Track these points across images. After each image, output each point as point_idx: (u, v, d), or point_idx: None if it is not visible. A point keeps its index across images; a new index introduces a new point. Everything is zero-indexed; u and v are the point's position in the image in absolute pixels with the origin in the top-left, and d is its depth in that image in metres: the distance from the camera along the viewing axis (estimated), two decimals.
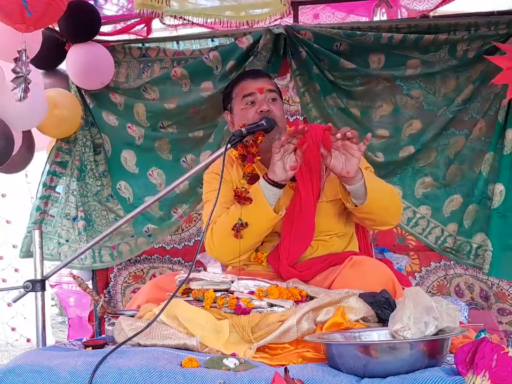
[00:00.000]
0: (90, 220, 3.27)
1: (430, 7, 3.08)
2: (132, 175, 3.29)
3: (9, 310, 4.66)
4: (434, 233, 3.01)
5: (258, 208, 2.04)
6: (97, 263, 3.29)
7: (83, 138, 3.24)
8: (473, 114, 2.93)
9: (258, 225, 2.08)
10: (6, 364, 1.60)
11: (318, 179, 2.16)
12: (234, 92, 2.28)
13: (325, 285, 1.98)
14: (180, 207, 3.22)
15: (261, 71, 2.52)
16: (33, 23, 2.17)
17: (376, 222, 2.15)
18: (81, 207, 3.24)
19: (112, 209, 3.29)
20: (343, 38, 2.92)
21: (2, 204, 4.73)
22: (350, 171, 1.94)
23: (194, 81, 3.12)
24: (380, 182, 2.14)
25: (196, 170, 1.99)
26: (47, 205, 3.30)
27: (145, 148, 3.25)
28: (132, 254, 3.31)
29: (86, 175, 3.26)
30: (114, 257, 3.29)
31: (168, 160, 3.24)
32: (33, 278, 1.81)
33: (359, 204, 2.02)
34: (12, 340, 4.73)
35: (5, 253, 4.72)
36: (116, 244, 3.27)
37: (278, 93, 2.29)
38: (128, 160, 3.28)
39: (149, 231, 3.24)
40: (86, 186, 3.26)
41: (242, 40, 2.97)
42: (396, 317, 1.51)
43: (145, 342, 1.71)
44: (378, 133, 3.04)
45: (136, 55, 3.23)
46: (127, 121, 3.23)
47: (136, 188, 3.29)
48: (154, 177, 3.26)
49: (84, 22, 2.98)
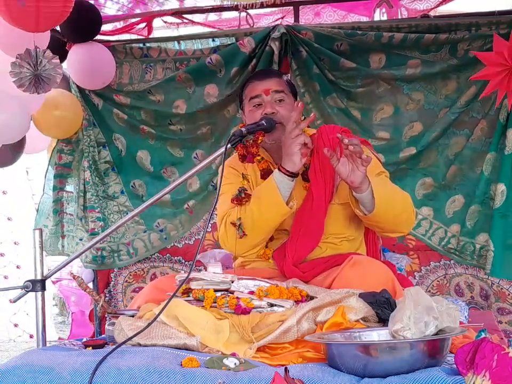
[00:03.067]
0: (105, 219, 3.31)
1: (430, 6, 3.08)
2: (147, 173, 3.33)
3: (12, 306, 4.66)
4: (437, 235, 3.02)
5: (271, 201, 2.05)
6: (117, 262, 3.35)
7: (87, 139, 3.25)
8: (474, 114, 2.93)
9: (269, 218, 2.09)
10: (6, 364, 1.60)
11: (331, 181, 2.15)
12: (244, 93, 2.30)
13: (325, 284, 1.98)
14: (191, 203, 3.27)
15: (270, 71, 2.52)
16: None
17: (385, 229, 2.17)
18: (97, 208, 3.28)
19: (123, 204, 3.33)
20: (343, 38, 2.93)
21: (3, 201, 4.74)
22: (353, 181, 1.95)
23: (199, 84, 3.16)
24: (392, 190, 2.13)
25: (196, 170, 1.99)
26: (62, 206, 3.35)
27: (158, 146, 3.29)
28: (148, 252, 3.34)
29: (92, 174, 3.27)
30: (131, 255, 3.33)
31: (180, 157, 3.29)
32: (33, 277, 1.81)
33: (367, 212, 2.02)
34: (14, 336, 4.74)
35: (7, 250, 4.73)
36: (131, 240, 3.32)
37: (290, 91, 2.27)
38: (144, 159, 3.31)
39: (160, 226, 3.29)
40: (95, 186, 3.28)
41: (244, 43, 2.98)
42: (396, 316, 1.51)
43: (145, 342, 1.71)
44: (378, 135, 3.04)
45: (138, 55, 3.23)
46: (138, 122, 3.27)
47: (151, 186, 3.33)
48: (168, 174, 3.30)
49: (85, 21, 2.98)
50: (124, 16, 3.26)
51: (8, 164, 3.10)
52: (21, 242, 4.68)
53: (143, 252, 3.34)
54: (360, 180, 1.94)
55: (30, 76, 2.29)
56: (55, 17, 2.20)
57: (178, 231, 3.32)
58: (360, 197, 2.00)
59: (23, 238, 4.62)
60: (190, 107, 3.19)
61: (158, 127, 3.27)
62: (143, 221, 3.29)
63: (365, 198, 1.99)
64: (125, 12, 3.23)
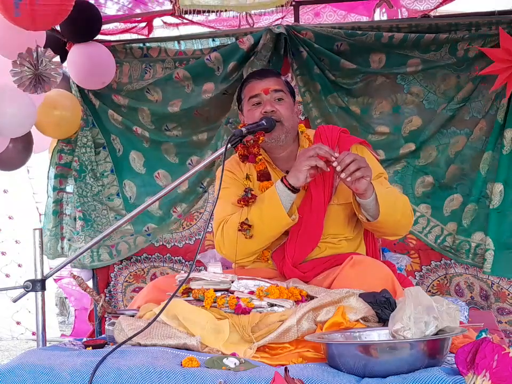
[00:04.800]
0: (89, 219, 3.29)
1: (430, 7, 3.08)
2: (138, 175, 3.33)
3: (14, 304, 4.65)
4: (434, 232, 3.03)
5: (273, 212, 2.04)
6: (95, 262, 3.33)
7: (83, 139, 3.26)
8: (474, 114, 2.93)
9: (271, 228, 2.08)
10: (6, 364, 1.60)
11: (330, 181, 2.15)
12: (243, 93, 2.29)
13: (325, 284, 1.98)
14: (179, 206, 3.25)
15: (268, 71, 2.51)
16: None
17: (385, 234, 2.21)
18: (79, 207, 3.27)
19: (114, 208, 3.32)
20: (343, 38, 2.93)
21: (4, 199, 4.74)
22: (358, 188, 1.95)
23: (197, 82, 3.15)
24: (394, 196, 2.12)
25: (196, 170, 1.99)
26: (62, 207, 3.35)
27: (153, 150, 3.29)
28: (130, 252, 3.34)
29: (86, 175, 3.28)
30: (113, 256, 3.34)
31: (175, 163, 3.28)
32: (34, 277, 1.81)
33: (371, 219, 2.03)
34: (17, 334, 4.74)
35: (8, 249, 4.74)
36: (115, 243, 3.31)
37: (288, 91, 2.27)
38: (136, 160, 3.31)
39: (149, 230, 3.28)
40: (85, 186, 3.28)
41: (243, 40, 2.98)
42: (396, 316, 1.51)
43: (145, 341, 1.71)
44: (378, 130, 3.05)
45: (138, 55, 3.24)
46: (133, 123, 3.27)
47: (140, 188, 3.32)
48: (160, 179, 3.30)
49: (85, 21, 2.98)
50: (124, 16, 3.26)
51: (18, 166, 3.09)
52: (22, 241, 4.68)
53: (126, 253, 3.35)
54: (365, 188, 1.94)
55: (30, 75, 2.28)
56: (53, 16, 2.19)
57: (163, 233, 3.33)
58: (364, 203, 2.00)
59: (24, 237, 4.62)
60: (186, 104, 3.16)
61: (154, 130, 3.26)
62: (132, 225, 3.28)
63: (369, 203, 1.99)
64: (125, 12, 3.23)
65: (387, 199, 2.01)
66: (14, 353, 4.25)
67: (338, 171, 1.92)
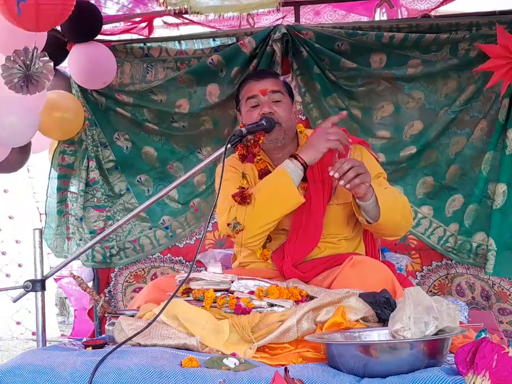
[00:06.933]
0: (111, 217, 3.34)
1: (431, 7, 3.07)
2: (153, 169, 3.34)
3: (14, 304, 4.65)
4: (437, 233, 3.02)
5: (284, 191, 2.03)
6: (123, 259, 3.37)
7: (91, 138, 3.26)
8: (475, 114, 2.93)
9: (280, 206, 2.06)
10: (6, 364, 1.60)
11: (329, 181, 2.15)
12: (241, 94, 2.29)
13: (325, 284, 1.98)
14: (195, 201, 3.29)
15: (266, 72, 2.51)
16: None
17: (385, 234, 2.21)
18: (107, 207, 3.32)
19: (129, 201, 3.35)
20: (344, 38, 2.93)
21: (5, 199, 4.74)
22: (358, 192, 1.95)
23: (200, 84, 3.17)
24: (393, 198, 2.12)
25: (196, 170, 1.98)
26: (67, 207, 3.36)
27: (163, 143, 3.31)
28: (154, 249, 3.36)
29: (99, 174, 3.28)
30: (137, 251, 3.36)
31: (185, 153, 3.30)
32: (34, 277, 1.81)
33: (371, 221, 2.03)
34: (17, 334, 4.75)
35: (8, 249, 4.74)
36: (137, 237, 3.34)
37: (286, 92, 2.27)
38: (150, 155, 3.32)
39: (165, 223, 3.31)
40: (101, 185, 3.29)
41: (245, 43, 2.98)
42: (396, 316, 1.51)
43: (145, 342, 1.71)
44: (379, 134, 3.04)
45: (139, 55, 3.24)
46: (140, 120, 3.28)
47: (157, 181, 3.34)
48: (174, 170, 3.31)
49: (86, 21, 2.97)
50: (124, 16, 3.26)
51: (17, 168, 3.09)
52: (22, 240, 4.69)
53: (150, 249, 3.36)
54: (365, 191, 1.94)
55: (20, 74, 2.24)
56: (55, 16, 2.19)
57: (184, 229, 3.33)
58: (363, 205, 2.00)
59: (24, 237, 4.62)
60: (193, 106, 3.19)
61: (162, 124, 3.28)
62: (149, 217, 3.32)
63: (368, 205, 1.99)
64: (125, 12, 3.23)
65: (387, 201, 2.01)
66: (14, 353, 4.25)
67: (336, 178, 1.92)
